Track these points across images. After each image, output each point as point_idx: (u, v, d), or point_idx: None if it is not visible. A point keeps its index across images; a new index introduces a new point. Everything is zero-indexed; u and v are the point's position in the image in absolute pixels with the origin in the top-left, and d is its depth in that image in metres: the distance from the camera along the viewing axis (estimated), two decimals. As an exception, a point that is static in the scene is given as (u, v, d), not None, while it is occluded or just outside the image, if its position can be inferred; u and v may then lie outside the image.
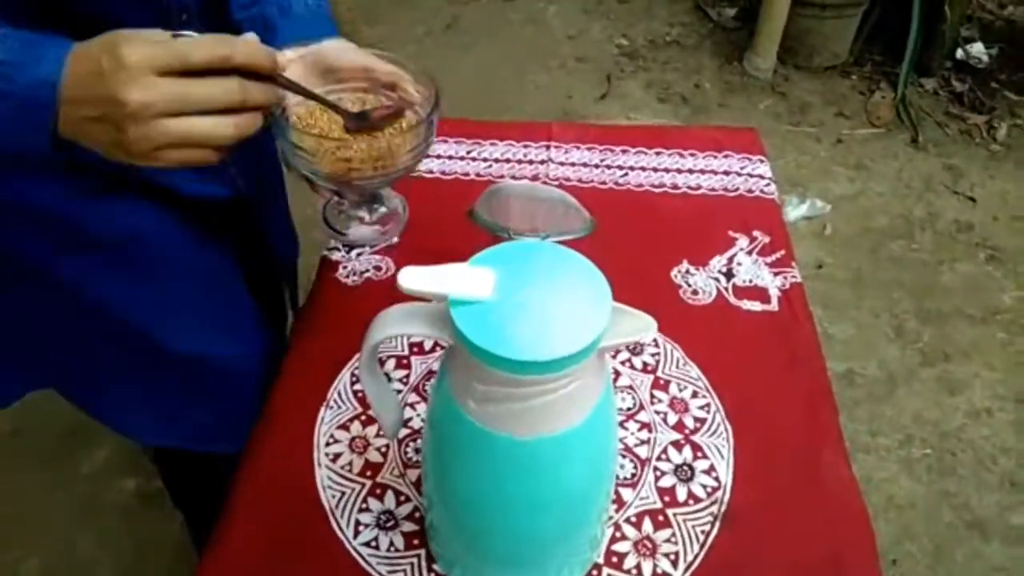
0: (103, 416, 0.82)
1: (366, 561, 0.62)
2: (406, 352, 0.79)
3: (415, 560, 0.62)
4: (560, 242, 0.72)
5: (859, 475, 0.68)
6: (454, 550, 0.58)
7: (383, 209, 0.89)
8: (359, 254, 0.89)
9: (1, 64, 0.47)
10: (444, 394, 0.48)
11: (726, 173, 1.01)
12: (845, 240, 1.89)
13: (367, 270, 0.87)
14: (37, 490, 1.46)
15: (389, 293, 0.81)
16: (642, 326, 0.45)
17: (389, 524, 0.64)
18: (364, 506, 0.65)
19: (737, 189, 0.99)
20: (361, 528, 0.64)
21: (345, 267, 0.88)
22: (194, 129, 0.49)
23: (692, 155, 1.04)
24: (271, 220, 0.91)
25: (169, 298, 0.76)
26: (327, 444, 0.71)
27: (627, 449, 0.69)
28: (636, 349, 0.78)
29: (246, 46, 0.51)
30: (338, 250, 0.90)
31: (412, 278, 0.44)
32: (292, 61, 0.65)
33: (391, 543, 0.63)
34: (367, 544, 0.62)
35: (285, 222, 0.98)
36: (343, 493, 0.67)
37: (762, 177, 1.01)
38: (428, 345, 0.79)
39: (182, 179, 0.71)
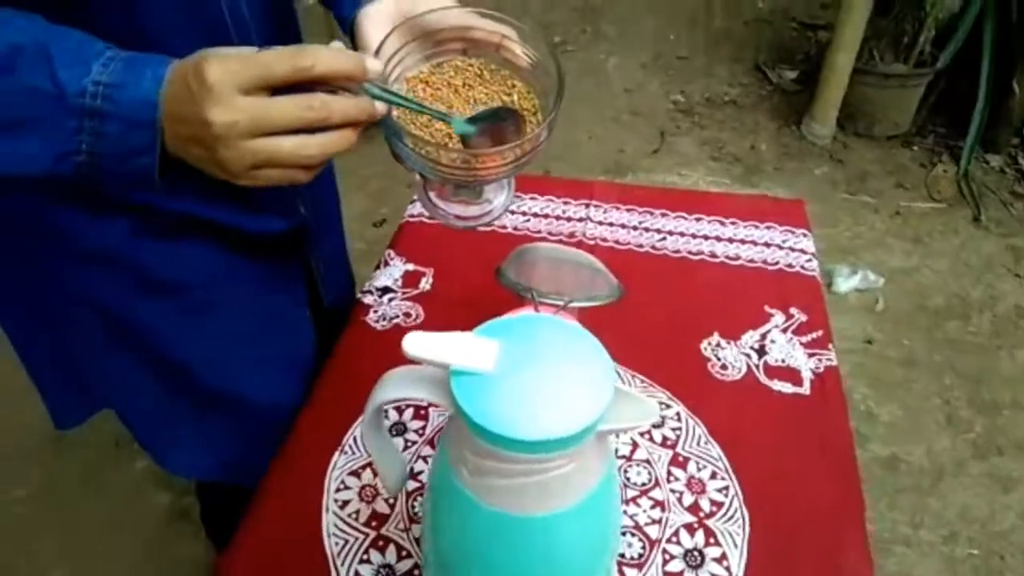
0: (153, 449, 0.83)
1: (360, 618, 0.61)
2: (424, 402, 0.79)
3: (409, 623, 0.61)
4: (585, 308, 0.72)
5: (896, 571, 0.64)
6: None
7: (485, 196, 0.78)
8: (391, 299, 0.90)
9: (105, 87, 0.48)
10: (443, 458, 0.48)
11: (767, 245, 0.99)
12: (898, 317, 1.83)
13: (397, 316, 0.88)
14: (74, 497, 1.49)
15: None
16: (643, 413, 0.44)
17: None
18: (365, 557, 0.65)
19: (777, 263, 0.97)
20: (359, 582, 0.63)
21: (376, 311, 0.89)
22: (280, 150, 0.49)
23: (733, 223, 1.03)
24: (328, 247, 0.91)
25: (229, 341, 0.77)
26: (337, 490, 0.70)
27: (637, 527, 0.67)
28: (658, 421, 0.76)
29: (329, 55, 0.48)
30: (371, 293, 0.91)
31: (416, 344, 0.44)
32: (381, 26, 0.58)
33: (388, 602, 0.62)
34: (363, 600, 0.62)
35: (342, 261, 0.99)
36: (347, 541, 0.66)
37: (804, 252, 0.98)
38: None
39: (247, 216, 0.73)
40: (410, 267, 0.95)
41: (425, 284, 0.93)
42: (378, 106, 0.52)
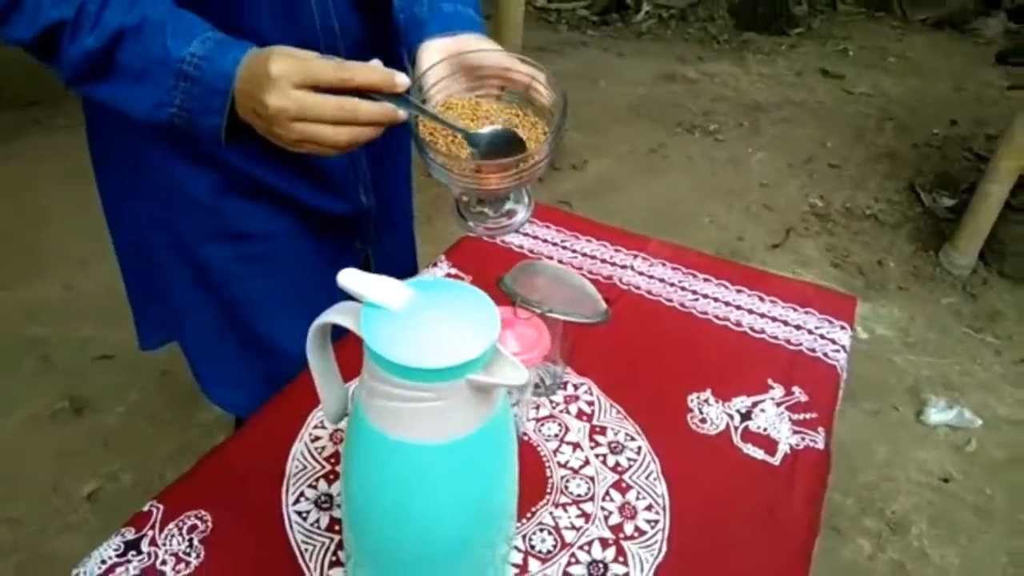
0: (201, 379, 0.99)
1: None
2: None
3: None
4: (563, 320, 0.78)
5: None
6: (364, 570, 0.63)
7: (508, 205, 0.85)
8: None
9: (199, 58, 0.64)
10: (357, 394, 0.56)
11: (797, 327, 1.00)
12: (987, 464, 1.69)
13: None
14: (158, 423, 1.70)
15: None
16: (513, 377, 0.51)
17: (325, 505, 0.72)
18: (313, 484, 0.74)
19: (800, 344, 0.97)
20: (302, 501, 0.72)
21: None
22: (318, 133, 0.62)
23: (773, 301, 1.05)
24: (392, 237, 1.04)
25: (281, 293, 0.91)
26: (315, 427, 0.80)
27: (556, 528, 0.71)
28: (616, 448, 0.80)
29: (364, 72, 0.62)
30: (411, 285, 1.02)
31: (349, 278, 0.54)
32: (437, 62, 0.71)
33: (318, 521, 0.70)
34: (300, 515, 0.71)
35: (404, 256, 1.12)
36: (304, 467, 0.75)
37: (835, 343, 0.98)
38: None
39: (310, 193, 0.88)
40: (453, 271, 1.06)
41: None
42: (400, 113, 0.64)
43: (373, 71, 0.63)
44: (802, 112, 3.25)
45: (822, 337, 0.99)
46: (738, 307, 1.04)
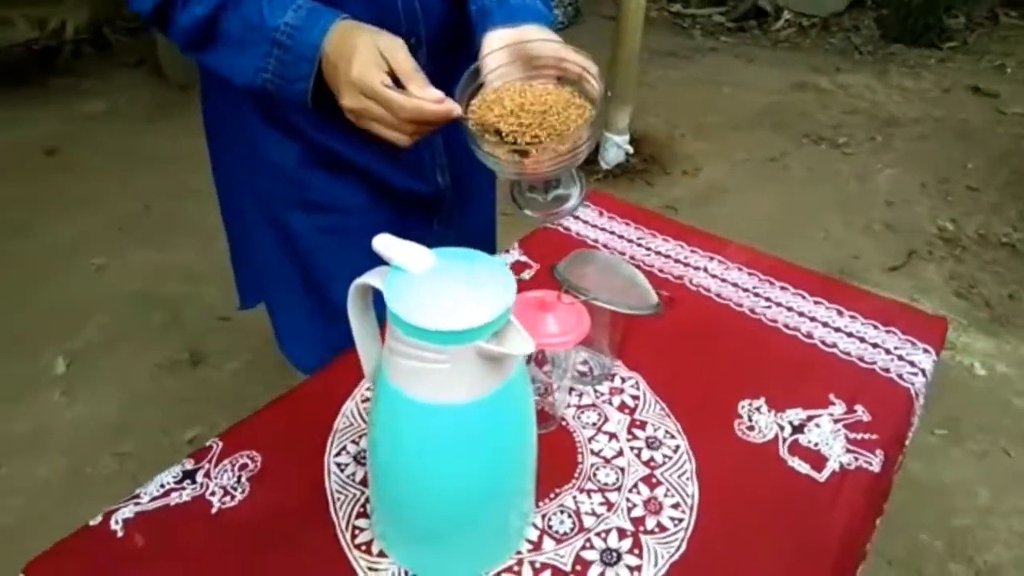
0: (278, 333, 1.07)
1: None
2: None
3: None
4: (620, 313, 0.79)
5: None
6: (383, 523, 0.67)
7: (558, 191, 0.87)
8: (492, 277, 1.04)
9: (291, 27, 0.72)
10: (384, 352, 0.60)
11: (874, 346, 0.95)
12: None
13: (488, 290, 1.01)
14: (263, 383, 1.81)
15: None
16: (520, 347, 0.52)
17: (362, 460, 0.76)
18: (356, 439, 0.79)
19: (873, 363, 0.92)
20: (343, 454, 0.77)
21: (475, 282, 1.03)
22: (371, 111, 0.71)
23: (852, 317, 1.00)
24: (471, 219, 1.08)
25: (356, 264, 0.97)
26: (366, 388, 0.85)
27: (577, 512, 0.72)
28: (654, 443, 0.80)
29: (422, 109, 0.69)
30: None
31: (381, 241, 0.57)
32: (497, 50, 0.76)
33: (354, 474, 0.75)
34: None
35: (482, 237, 1.16)
36: (351, 423, 0.80)
37: (914, 365, 0.93)
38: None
39: (387, 170, 0.93)
40: (522, 258, 1.08)
41: (527, 274, 1.05)
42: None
43: (430, 109, 0.69)
44: (943, 129, 3.03)
45: (900, 358, 0.93)
46: (812, 318, 1.00)
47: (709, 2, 4.69)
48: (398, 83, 0.71)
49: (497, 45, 0.75)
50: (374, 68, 0.68)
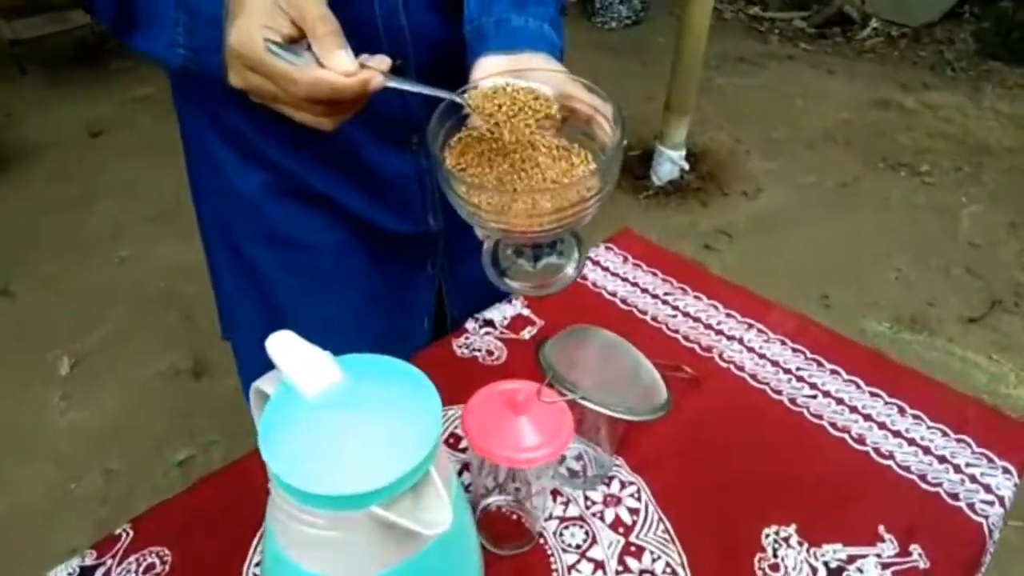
0: (241, 377, 0.95)
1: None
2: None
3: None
4: (616, 417, 0.63)
5: None
6: None
7: (551, 258, 0.72)
8: (487, 333, 0.89)
9: None
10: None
11: (942, 459, 0.77)
12: None
13: (479, 350, 0.87)
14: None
15: (480, 377, 0.80)
16: (434, 520, 0.38)
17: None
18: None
19: (939, 483, 0.75)
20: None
21: (468, 338, 0.89)
22: (263, 88, 0.55)
23: (915, 417, 0.82)
24: (470, 264, 0.93)
25: (329, 314, 0.85)
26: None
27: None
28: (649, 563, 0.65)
29: (309, 83, 0.52)
30: (476, 320, 0.91)
31: (275, 343, 0.44)
32: (487, 78, 0.60)
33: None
34: None
35: (482, 284, 1.01)
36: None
37: (990, 490, 0.74)
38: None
39: (368, 206, 0.80)
40: (525, 312, 0.93)
41: (527, 333, 0.90)
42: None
43: (316, 84, 0.52)
44: (1041, 161, 2.74)
45: (973, 479, 0.75)
46: (867, 416, 0.82)
47: (791, 6, 4.41)
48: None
49: (488, 74, 0.60)
50: (258, 28, 0.52)
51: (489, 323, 0.91)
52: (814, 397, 0.84)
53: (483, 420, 0.59)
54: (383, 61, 0.54)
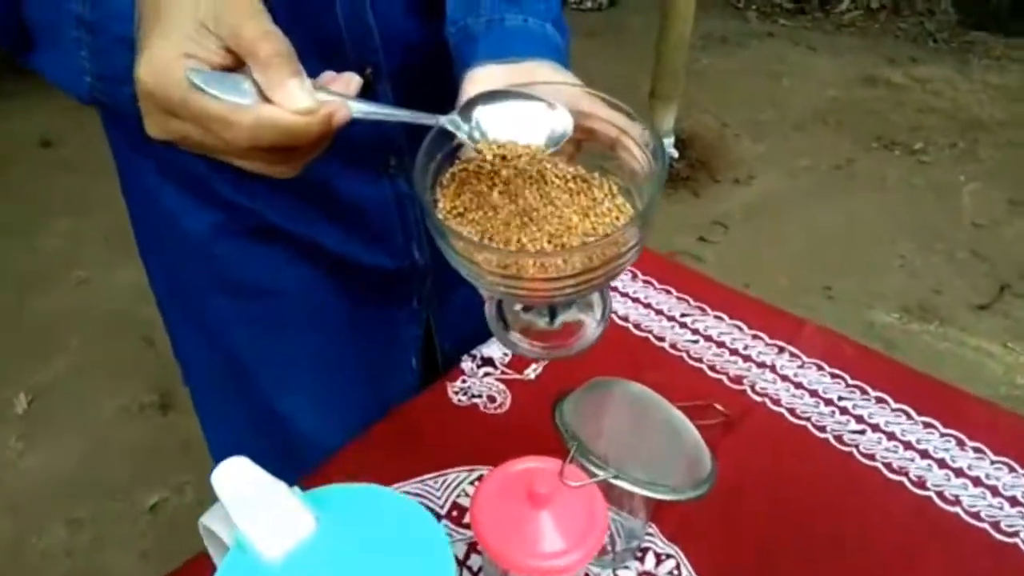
0: (207, 440, 0.83)
1: None
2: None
3: None
4: (650, 498, 0.52)
5: None
6: None
7: (568, 314, 0.59)
8: (486, 374, 0.78)
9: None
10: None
11: (1013, 502, 0.68)
12: None
13: (480, 396, 0.76)
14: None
15: (484, 432, 0.68)
16: None
17: None
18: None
19: (1015, 531, 0.65)
20: None
21: (464, 382, 0.77)
22: (188, 137, 0.41)
23: (976, 450, 0.72)
24: (462, 297, 0.82)
25: (299, 363, 0.73)
26: None
27: None
28: None
29: (252, 127, 0.38)
30: (472, 359, 0.80)
31: (221, 475, 0.32)
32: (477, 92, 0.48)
33: None
34: None
35: (478, 309, 0.90)
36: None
37: (1075, 536, 0.65)
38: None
39: (349, 244, 0.68)
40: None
41: (531, 372, 0.79)
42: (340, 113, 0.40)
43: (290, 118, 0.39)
44: (1036, 133, 2.67)
45: (1055, 526, 0.66)
46: (923, 453, 0.72)
47: (766, -19, 4.31)
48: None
49: (483, 90, 0.48)
50: (176, 56, 0.37)
51: (488, 361, 0.80)
52: (862, 432, 0.74)
53: (497, 518, 0.48)
54: (351, 81, 0.42)
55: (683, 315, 0.87)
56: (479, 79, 0.49)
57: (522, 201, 0.45)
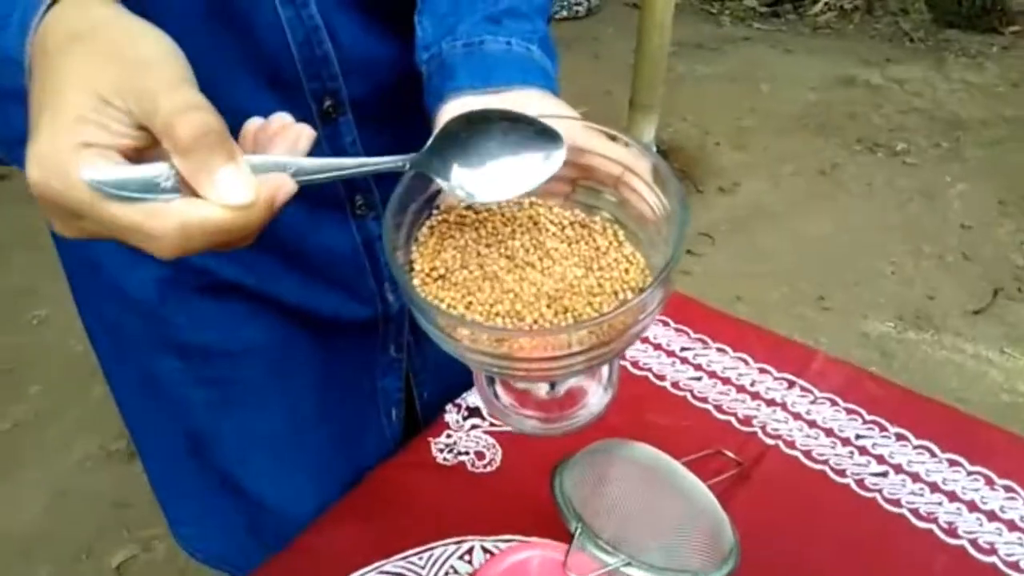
0: (165, 514, 0.76)
1: None
2: None
3: None
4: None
5: None
6: None
7: (570, 383, 0.51)
8: (474, 427, 0.71)
9: None
10: None
11: (1054, 548, 0.62)
12: None
13: (467, 453, 0.69)
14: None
15: (473, 496, 0.61)
16: None
17: None
18: None
19: (1063, 588, 0.59)
20: None
21: (449, 437, 0.71)
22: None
23: (1008, 489, 0.67)
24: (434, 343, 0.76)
25: (260, 428, 0.66)
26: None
27: None
28: None
29: (175, 230, 0.30)
30: (457, 410, 0.73)
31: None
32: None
33: None
34: None
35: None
36: None
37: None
38: None
39: (311, 295, 0.61)
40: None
41: (539, 410, 0.72)
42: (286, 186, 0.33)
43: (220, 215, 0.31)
44: (1018, 132, 2.63)
45: (1099, 573, 0.60)
46: (951, 495, 0.66)
47: (739, -15, 4.29)
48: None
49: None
50: (72, 146, 0.29)
51: (474, 411, 0.73)
52: (884, 475, 0.68)
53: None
54: (300, 137, 0.34)
55: (683, 349, 0.81)
56: (452, 113, 0.42)
57: (514, 255, 0.39)
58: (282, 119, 0.34)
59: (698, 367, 0.79)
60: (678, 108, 2.82)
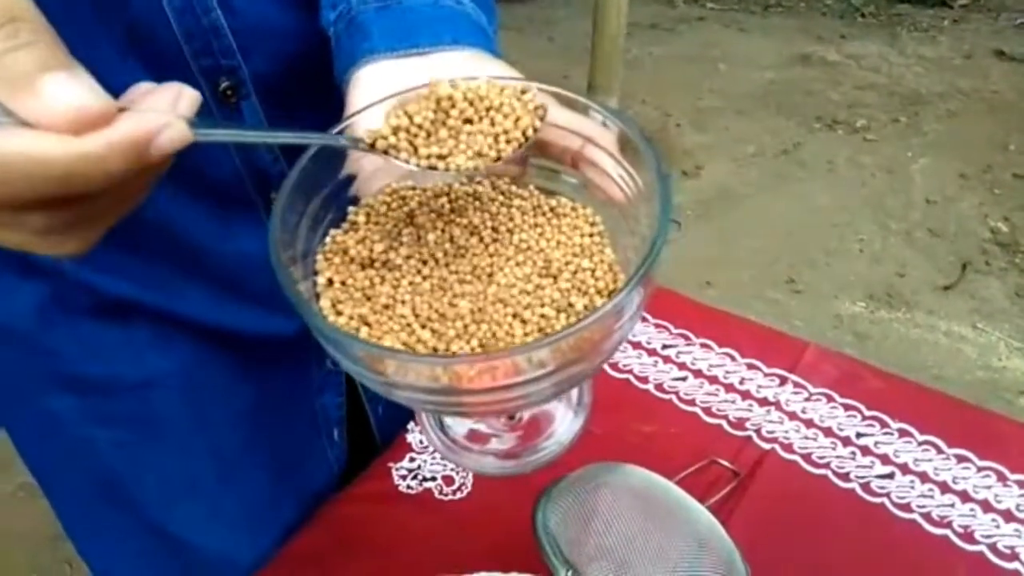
0: (86, 560, 0.66)
1: None
2: None
3: None
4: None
5: None
6: None
7: (525, 420, 0.46)
8: (434, 452, 0.64)
9: None
10: None
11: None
12: None
13: (434, 479, 0.61)
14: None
15: (442, 529, 0.54)
16: None
17: None
18: None
19: (1092, 593, 0.54)
20: None
21: (412, 461, 0.63)
22: None
23: (1021, 484, 0.61)
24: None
25: (179, 469, 0.57)
26: None
27: None
28: None
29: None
30: (418, 426, 0.65)
31: None
32: (372, 98, 0.34)
33: None
34: None
35: None
36: None
37: None
38: None
39: (226, 310, 0.53)
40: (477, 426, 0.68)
41: (498, 443, 0.65)
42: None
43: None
44: (974, 105, 2.64)
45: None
46: (964, 495, 0.61)
47: (691, -35, 4.24)
48: None
49: (380, 98, 0.34)
50: None
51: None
52: (891, 476, 0.62)
53: None
54: (180, 94, 0.26)
55: (665, 347, 0.74)
56: (368, 82, 0.34)
57: (455, 252, 0.31)
58: (148, 85, 0.26)
59: (682, 366, 0.72)
60: (636, 91, 2.76)
